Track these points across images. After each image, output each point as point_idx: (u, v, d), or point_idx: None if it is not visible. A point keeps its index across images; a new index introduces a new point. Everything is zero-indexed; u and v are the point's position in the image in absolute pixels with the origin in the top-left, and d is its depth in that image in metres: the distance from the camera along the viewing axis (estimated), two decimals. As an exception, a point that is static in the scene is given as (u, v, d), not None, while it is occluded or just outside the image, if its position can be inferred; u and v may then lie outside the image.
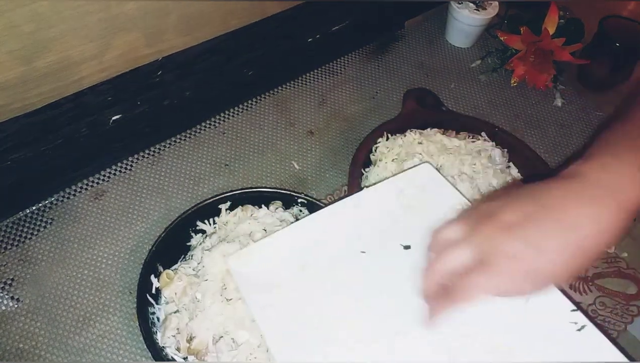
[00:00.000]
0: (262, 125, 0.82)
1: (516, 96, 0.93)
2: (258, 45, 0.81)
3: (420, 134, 0.74)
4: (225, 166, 0.77)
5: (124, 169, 0.75)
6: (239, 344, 0.55)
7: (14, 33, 0.55)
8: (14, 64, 0.57)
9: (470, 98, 0.91)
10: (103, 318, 0.61)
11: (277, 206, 0.67)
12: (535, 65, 0.89)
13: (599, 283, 0.71)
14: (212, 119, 0.82)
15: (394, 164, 0.71)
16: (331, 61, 0.92)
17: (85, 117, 0.68)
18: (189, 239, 0.65)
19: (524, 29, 0.87)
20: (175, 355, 0.56)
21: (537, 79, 0.90)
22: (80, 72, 0.63)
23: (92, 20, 0.60)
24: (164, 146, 0.78)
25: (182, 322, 0.57)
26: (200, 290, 0.57)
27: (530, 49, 0.88)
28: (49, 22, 0.56)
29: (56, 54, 0.59)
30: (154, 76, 0.71)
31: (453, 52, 0.99)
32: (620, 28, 0.88)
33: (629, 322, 0.68)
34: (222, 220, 0.65)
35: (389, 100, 0.88)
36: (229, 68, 0.80)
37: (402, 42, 0.98)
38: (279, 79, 0.88)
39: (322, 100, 0.87)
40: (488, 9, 0.94)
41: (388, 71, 0.93)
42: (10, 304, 0.61)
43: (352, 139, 0.82)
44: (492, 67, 0.96)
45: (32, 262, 0.65)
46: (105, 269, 0.65)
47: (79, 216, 0.69)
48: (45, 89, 0.61)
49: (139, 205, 0.71)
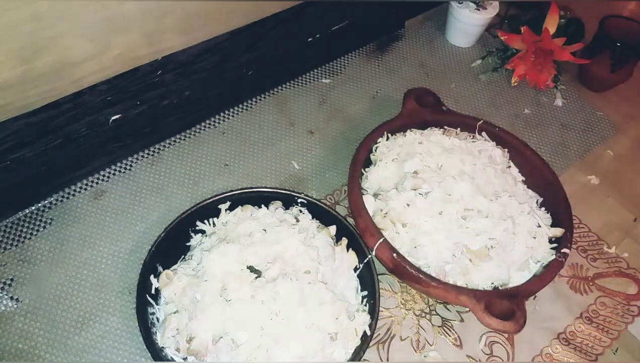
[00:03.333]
0: (262, 125, 0.82)
1: (516, 96, 0.93)
2: (258, 45, 0.81)
3: (420, 134, 0.74)
4: (225, 166, 0.77)
5: (123, 168, 0.75)
6: (238, 344, 0.55)
7: (14, 33, 0.55)
8: (14, 64, 0.57)
9: (470, 98, 0.91)
10: (103, 319, 0.61)
11: (277, 206, 0.67)
12: (535, 64, 0.89)
13: (599, 283, 0.71)
14: (212, 119, 0.82)
15: (394, 163, 0.71)
16: (331, 61, 0.92)
17: (85, 116, 0.68)
18: (188, 239, 0.65)
19: (524, 28, 0.87)
20: (175, 355, 0.56)
21: (538, 79, 0.90)
22: (80, 72, 0.63)
23: (92, 20, 0.60)
24: (163, 146, 0.78)
25: (182, 323, 0.56)
26: (200, 290, 0.57)
27: (530, 49, 0.87)
28: (49, 22, 0.56)
29: (56, 54, 0.59)
30: (154, 76, 0.71)
31: (453, 52, 0.99)
32: (620, 28, 0.88)
33: (630, 322, 0.68)
34: (222, 220, 0.65)
35: (389, 100, 0.88)
36: (229, 68, 0.80)
37: (402, 42, 0.98)
38: (279, 79, 0.88)
39: (322, 100, 0.87)
40: (488, 9, 0.94)
41: (388, 71, 0.93)
42: (10, 304, 0.61)
43: (352, 139, 0.82)
44: (493, 67, 0.96)
45: (32, 262, 0.65)
46: (105, 269, 0.65)
47: (79, 216, 0.69)
48: (45, 88, 0.61)
49: (139, 205, 0.71)
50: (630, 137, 0.90)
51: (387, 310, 0.66)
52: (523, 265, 0.65)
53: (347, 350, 0.57)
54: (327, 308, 0.58)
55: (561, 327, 0.67)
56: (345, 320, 0.58)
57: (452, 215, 0.65)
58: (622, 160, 0.86)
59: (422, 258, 0.64)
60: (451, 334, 0.65)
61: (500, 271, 0.64)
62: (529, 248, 0.65)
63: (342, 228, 0.66)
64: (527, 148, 0.75)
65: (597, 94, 0.95)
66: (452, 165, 0.70)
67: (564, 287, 0.70)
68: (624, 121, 0.92)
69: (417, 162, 0.70)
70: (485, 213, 0.66)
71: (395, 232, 0.65)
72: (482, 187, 0.68)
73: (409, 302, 0.67)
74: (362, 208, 0.65)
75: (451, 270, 0.63)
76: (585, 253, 0.74)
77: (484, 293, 0.60)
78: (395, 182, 0.70)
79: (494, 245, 0.64)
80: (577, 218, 0.77)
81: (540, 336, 0.66)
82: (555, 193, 0.70)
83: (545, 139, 0.87)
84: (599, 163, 0.85)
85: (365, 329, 0.58)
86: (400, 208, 0.66)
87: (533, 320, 0.64)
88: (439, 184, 0.67)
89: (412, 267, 0.60)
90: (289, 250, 0.61)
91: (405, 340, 0.64)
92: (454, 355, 0.63)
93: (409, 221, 0.65)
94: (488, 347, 0.64)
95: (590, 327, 0.67)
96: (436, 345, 0.64)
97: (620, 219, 0.79)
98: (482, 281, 0.64)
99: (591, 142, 0.88)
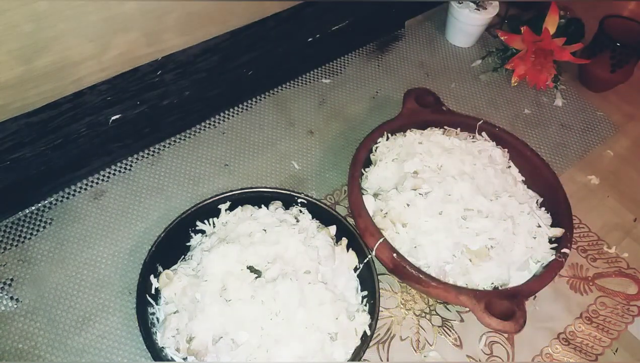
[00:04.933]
0: (262, 125, 0.82)
1: (516, 96, 0.93)
2: (258, 45, 0.81)
3: (420, 134, 0.74)
4: (225, 166, 0.77)
5: (123, 169, 0.75)
6: (238, 344, 0.55)
7: (14, 33, 0.55)
8: (14, 64, 0.57)
9: (470, 98, 0.91)
10: (102, 319, 0.61)
11: (276, 206, 0.67)
12: (535, 64, 0.89)
13: (599, 283, 0.71)
14: (212, 119, 0.82)
15: (394, 163, 0.71)
16: (331, 61, 0.92)
17: (85, 116, 0.68)
18: (188, 239, 0.65)
19: (524, 28, 0.87)
20: (175, 355, 0.56)
21: (538, 79, 0.90)
22: (80, 72, 0.63)
23: (92, 20, 0.60)
24: (163, 146, 0.78)
25: (182, 323, 0.56)
26: (200, 290, 0.57)
27: (530, 49, 0.87)
28: (49, 22, 0.56)
29: (55, 54, 0.59)
30: (154, 76, 0.71)
31: (453, 52, 0.99)
32: (620, 28, 0.88)
33: (630, 322, 0.68)
34: (222, 220, 0.65)
35: (389, 100, 0.88)
36: (229, 68, 0.80)
37: (402, 42, 0.98)
38: (279, 79, 0.88)
39: (322, 100, 0.87)
40: (488, 9, 0.94)
41: (388, 71, 0.93)
42: (10, 304, 0.61)
43: (352, 139, 0.82)
44: (493, 67, 0.96)
45: (32, 262, 0.65)
46: (105, 269, 0.65)
47: (79, 216, 0.69)
48: (45, 88, 0.61)
49: (139, 205, 0.71)
50: (630, 137, 0.90)
51: (387, 310, 0.66)
52: (523, 265, 0.65)
53: (347, 350, 0.57)
54: (327, 308, 0.58)
55: (561, 327, 0.67)
56: (345, 320, 0.58)
57: (452, 215, 0.65)
58: (622, 160, 0.86)
59: (422, 258, 0.64)
60: (451, 334, 0.65)
61: (500, 271, 0.64)
62: (529, 248, 0.65)
63: (342, 228, 0.66)
64: (527, 148, 0.75)
65: (597, 94, 0.95)
66: (452, 165, 0.70)
67: (564, 287, 0.70)
68: (624, 121, 0.92)
69: (417, 162, 0.70)
70: (485, 213, 0.66)
71: (395, 232, 0.65)
72: (482, 187, 0.68)
73: (409, 302, 0.67)
74: (362, 208, 0.65)
75: (451, 270, 0.63)
76: (585, 253, 0.74)
77: (484, 293, 0.60)
78: (395, 182, 0.70)
79: (494, 245, 0.64)
80: (577, 218, 0.77)
81: (540, 336, 0.66)
82: (555, 193, 0.70)
83: (545, 139, 0.87)
84: (598, 163, 0.85)
85: (365, 329, 0.58)
86: (400, 208, 0.66)
87: (533, 320, 0.64)
88: (439, 184, 0.67)
89: (412, 267, 0.60)
90: (289, 250, 0.61)
91: (405, 340, 0.64)
92: (454, 355, 0.63)
93: (409, 221, 0.65)
94: (488, 347, 0.64)
95: (590, 327, 0.67)
96: (436, 345, 0.64)
97: (620, 219, 0.79)
98: (482, 281, 0.64)
99: (591, 142, 0.88)
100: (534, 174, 0.74)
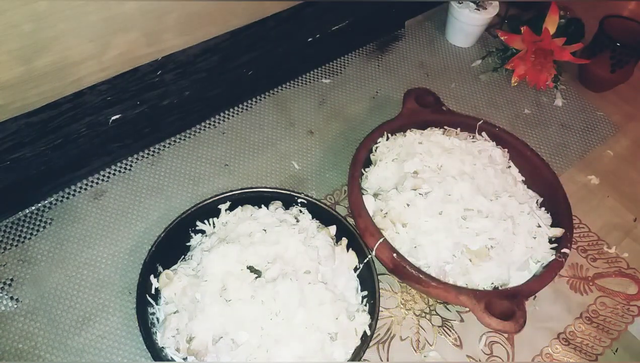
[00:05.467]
0: (262, 125, 0.82)
1: (516, 96, 0.93)
2: (258, 45, 0.81)
3: (420, 134, 0.74)
4: (225, 166, 0.77)
5: (123, 169, 0.75)
6: (238, 344, 0.55)
7: (14, 33, 0.55)
8: (14, 64, 0.57)
9: (470, 98, 0.91)
10: (102, 319, 0.61)
11: (277, 206, 0.67)
12: (535, 64, 0.89)
13: (599, 283, 0.71)
14: (212, 119, 0.82)
15: (394, 163, 0.71)
16: (331, 61, 0.92)
17: (85, 116, 0.68)
18: (188, 239, 0.65)
19: (524, 28, 0.87)
20: (175, 355, 0.56)
21: (538, 79, 0.90)
22: (80, 72, 0.63)
23: (92, 20, 0.60)
24: (163, 146, 0.78)
25: (182, 323, 0.56)
26: (200, 290, 0.57)
27: (530, 49, 0.87)
28: (49, 21, 0.56)
29: (55, 54, 0.59)
30: (154, 76, 0.71)
31: (453, 52, 0.99)
32: (620, 28, 0.88)
33: (630, 322, 0.68)
34: (222, 220, 0.65)
35: (389, 100, 0.88)
36: (229, 68, 0.80)
37: (402, 42, 0.98)
38: (279, 79, 0.88)
39: (322, 100, 0.87)
40: (488, 9, 0.94)
41: (388, 71, 0.93)
42: (10, 304, 0.61)
43: (352, 139, 0.82)
44: (493, 67, 0.96)
45: (32, 262, 0.65)
46: (105, 269, 0.65)
47: (79, 216, 0.69)
48: (45, 88, 0.61)
49: (139, 205, 0.71)
50: (630, 137, 0.90)
51: (387, 310, 0.66)
52: (523, 265, 0.65)
53: (347, 350, 0.57)
54: (327, 309, 0.58)
55: (561, 327, 0.67)
56: (345, 320, 0.58)
57: (452, 215, 0.65)
58: (622, 160, 0.86)
59: (422, 258, 0.64)
60: (451, 334, 0.65)
61: (500, 271, 0.64)
62: (529, 248, 0.65)
63: (342, 228, 0.66)
64: (527, 148, 0.75)
65: (597, 94, 0.95)
66: (452, 165, 0.70)
67: (564, 287, 0.70)
68: (624, 121, 0.92)
69: (417, 162, 0.70)
70: (485, 213, 0.66)
71: (395, 232, 0.65)
72: (482, 187, 0.68)
73: (409, 302, 0.67)
74: (362, 208, 0.65)
75: (451, 270, 0.63)
76: (585, 253, 0.74)
77: (484, 293, 0.60)
78: (395, 182, 0.70)
79: (494, 245, 0.64)
80: (577, 218, 0.77)
81: (540, 336, 0.66)
82: (555, 193, 0.70)
83: (545, 139, 0.87)
84: (598, 163, 0.85)
85: (365, 329, 0.58)
86: (400, 208, 0.66)
87: (533, 320, 0.64)
88: (439, 184, 0.67)
89: (412, 267, 0.60)
90: (289, 250, 0.61)
91: (405, 340, 0.64)
92: (454, 355, 0.63)
93: (409, 221, 0.65)
94: (488, 347, 0.64)
95: (590, 327, 0.67)
96: (436, 345, 0.64)
97: (620, 219, 0.79)
98: (482, 281, 0.64)
99: (591, 142, 0.88)
100: (534, 173, 0.74)
